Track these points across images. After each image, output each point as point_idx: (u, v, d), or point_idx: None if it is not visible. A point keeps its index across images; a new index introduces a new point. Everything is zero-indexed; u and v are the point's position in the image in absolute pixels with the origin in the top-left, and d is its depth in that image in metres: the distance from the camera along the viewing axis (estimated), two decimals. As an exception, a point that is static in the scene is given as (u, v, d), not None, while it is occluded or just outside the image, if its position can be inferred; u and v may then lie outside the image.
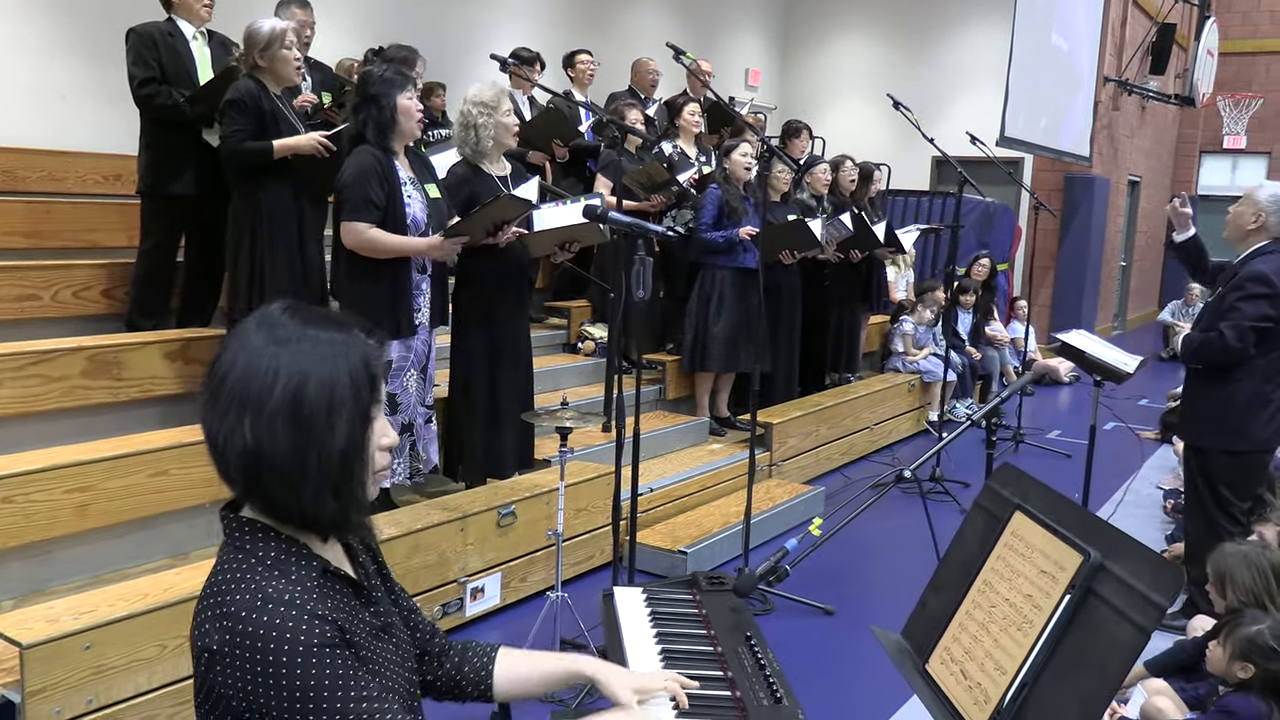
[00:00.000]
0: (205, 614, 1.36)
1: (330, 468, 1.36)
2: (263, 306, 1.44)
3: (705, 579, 2.36)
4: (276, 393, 1.33)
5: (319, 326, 1.39)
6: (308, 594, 1.36)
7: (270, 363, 1.34)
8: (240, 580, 1.36)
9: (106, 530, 3.77)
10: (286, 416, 1.33)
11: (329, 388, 1.35)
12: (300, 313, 1.41)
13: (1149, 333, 14.29)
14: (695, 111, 6.76)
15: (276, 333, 1.37)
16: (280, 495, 1.36)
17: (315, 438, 1.34)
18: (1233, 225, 4.26)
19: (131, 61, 4.57)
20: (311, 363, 1.35)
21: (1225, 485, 4.19)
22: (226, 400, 1.35)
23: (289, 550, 1.40)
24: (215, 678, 1.33)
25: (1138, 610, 1.43)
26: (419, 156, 4.32)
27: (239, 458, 1.34)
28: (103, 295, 4.87)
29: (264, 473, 1.34)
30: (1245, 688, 2.90)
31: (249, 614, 1.31)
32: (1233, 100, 15.69)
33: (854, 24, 13.76)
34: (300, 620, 1.32)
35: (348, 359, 1.38)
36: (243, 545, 1.40)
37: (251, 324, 1.40)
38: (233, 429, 1.33)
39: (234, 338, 1.39)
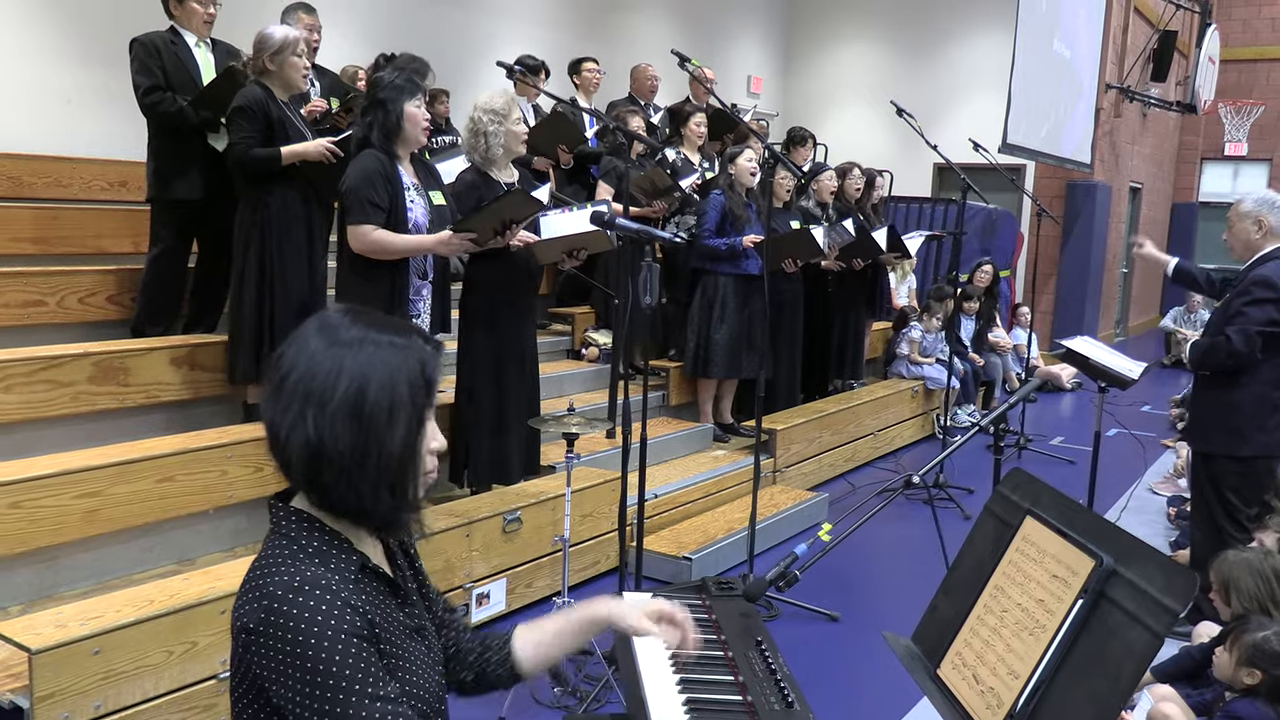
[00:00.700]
0: (247, 595, 1.41)
1: (387, 466, 1.41)
2: (321, 311, 1.49)
3: (714, 584, 2.36)
4: (339, 391, 1.38)
5: (379, 329, 1.44)
6: (344, 583, 1.40)
7: (334, 363, 1.39)
8: (282, 564, 1.40)
9: (113, 536, 3.77)
10: (348, 414, 1.38)
11: (389, 389, 1.40)
12: (360, 316, 1.47)
13: (1151, 339, 14.30)
14: (701, 123, 6.79)
15: (339, 335, 1.42)
16: (338, 489, 1.41)
17: (375, 436, 1.39)
18: (1238, 242, 4.28)
19: (136, 70, 4.58)
20: (373, 365, 1.40)
21: (1232, 491, 4.19)
22: (289, 396, 1.40)
23: (332, 542, 1.45)
24: (251, 657, 1.37)
25: (1151, 614, 1.44)
26: (425, 164, 4.32)
27: (301, 450, 1.39)
28: (109, 301, 4.88)
29: (325, 466, 1.39)
30: (1252, 693, 2.90)
31: (285, 594, 1.36)
32: (1234, 107, 15.72)
33: (856, 31, 13.79)
34: (334, 606, 1.36)
35: (406, 363, 1.43)
36: (288, 533, 1.45)
37: (312, 327, 1.45)
38: (295, 423, 1.38)
39: (295, 340, 1.44)
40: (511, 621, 4.18)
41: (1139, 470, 6.96)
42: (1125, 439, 7.57)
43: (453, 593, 4.01)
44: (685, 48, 5.65)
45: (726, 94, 10.79)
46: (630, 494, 3.80)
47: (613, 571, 4.70)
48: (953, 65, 13.18)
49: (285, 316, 4.36)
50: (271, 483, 4.25)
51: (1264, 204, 4.20)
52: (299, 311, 4.41)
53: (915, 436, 8.09)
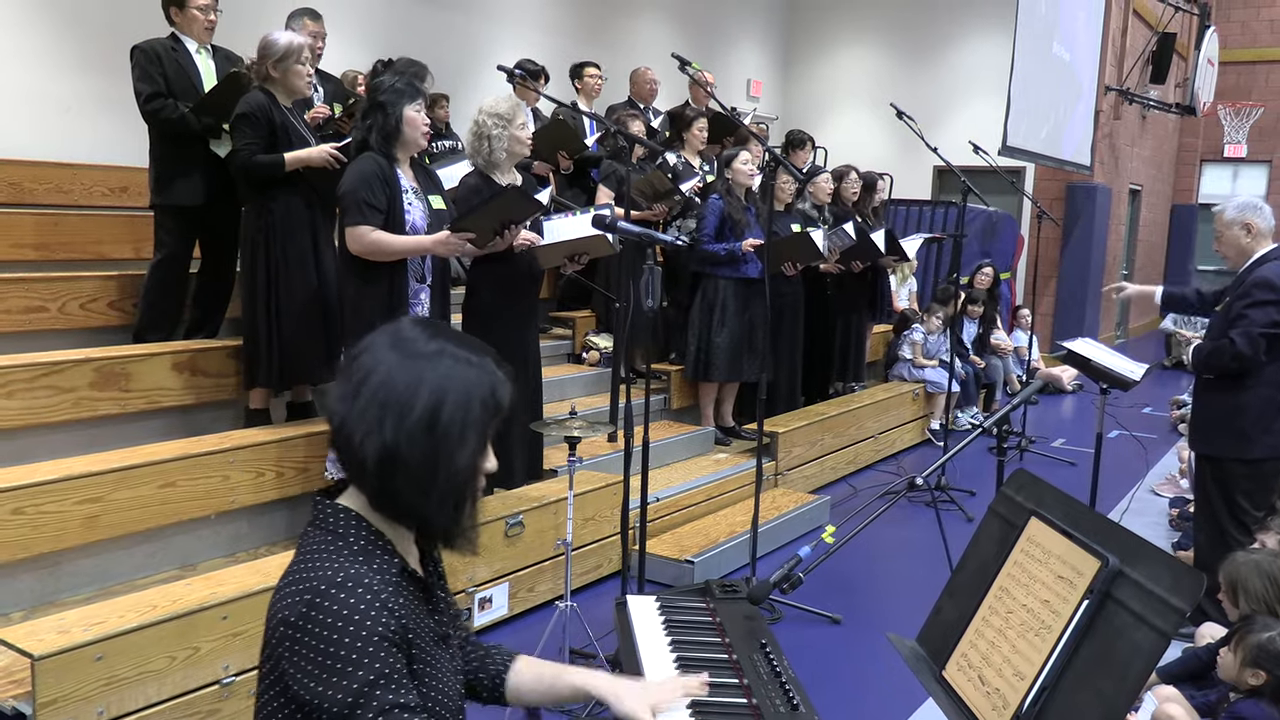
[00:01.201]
0: (289, 588, 1.44)
1: (456, 481, 1.46)
2: (394, 322, 1.53)
3: (718, 587, 2.36)
4: (419, 405, 1.43)
5: (457, 344, 1.50)
6: (385, 585, 1.43)
7: (415, 375, 1.44)
8: (327, 559, 1.44)
9: (115, 542, 3.77)
10: (425, 427, 1.43)
11: (464, 407, 1.45)
12: (435, 329, 1.52)
13: (1151, 341, 14.30)
14: (704, 127, 6.80)
15: (417, 346, 1.47)
16: (409, 495, 1.45)
17: (447, 451, 1.44)
18: (1231, 249, 4.29)
19: (137, 78, 4.59)
20: (451, 381, 1.45)
21: (1243, 495, 4.18)
22: (367, 401, 1.44)
23: (376, 542, 1.49)
24: (284, 650, 1.39)
25: (1158, 614, 1.44)
26: (425, 169, 4.32)
27: (377, 454, 1.43)
28: (110, 307, 4.88)
29: (399, 473, 1.43)
30: (1256, 694, 2.90)
31: (328, 589, 1.39)
32: (1233, 109, 15.73)
33: (855, 35, 13.81)
34: (372, 606, 1.39)
35: (480, 382, 1.48)
36: (334, 529, 1.48)
37: (388, 335, 1.49)
38: (372, 429, 1.42)
39: (370, 345, 1.49)
40: (513, 627, 4.22)
41: (1140, 472, 6.96)
42: (1126, 441, 7.57)
43: (455, 597, 3.99)
44: (685, 52, 5.66)
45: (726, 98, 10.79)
46: (632, 498, 3.80)
47: (615, 575, 4.69)
48: (952, 68, 13.19)
49: (293, 321, 4.37)
50: (272, 488, 4.26)
51: (1247, 208, 4.23)
52: (308, 316, 4.41)
53: (916, 439, 8.09)
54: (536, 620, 4.21)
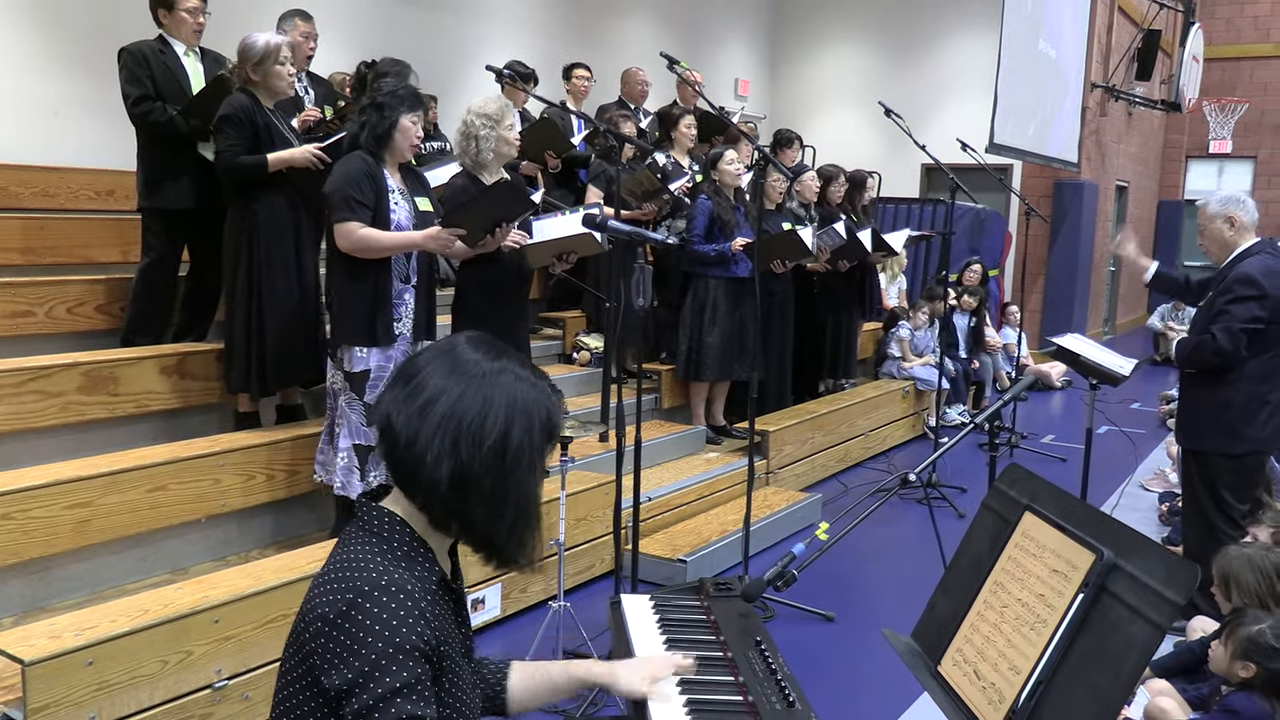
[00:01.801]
0: (330, 584, 1.43)
1: (524, 503, 1.49)
2: (449, 341, 1.55)
3: (712, 585, 2.36)
4: (490, 429, 1.45)
5: (516, 362, 1.51)
6: (425, 594, 1.44)
7: (483, 398, 1.46)
8: (371, 561, 1.44)
9: (105, 546, 3.76)
10: (498, 454, 1.44)
11: (528, 432, 1.48)
12: (493, 347, 1.53)
13: (1139, 337, 14.35)
14: (692, 125, 6.79)
15: (480, 366, 1.48)
16: (482, 518, 1.47)
17: (519, 476, 1.47)
18: (1214, 244, 4.31)
19: (125, 80, 4.57)
20: (515, 402, 1.47)
21: (1227, 489, 4.21)
22: (438, 422, 1.44)
23: (419, 550, 1.50)
24: (317, 645, 1.40)
25: (1152, 607, 1.44)
26: (412, 171, 4.31)
27: (451, 476, 1.44)
28: (97, 311, 4.86)
29: (473, 495, 1.45)
30: (1248, 687, 2.91)
31: (372, 591, 1.39)
32: (1218, 105, 15.81)
33: (843, 33, 13.83)
34: (411, 614, 1.39)
35: (541, 407, 1.50)
36: (379, 532, 1.49)
37: (449, 352, 1.51)
38: (444, 451, 1.44)
39: (431, 361, 1.50)
40: (506, 628, 4.21)
41: (1130, 467, 6.99)
42: (1116, 436, 7.59)
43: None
44: (673, 52, 5.65)
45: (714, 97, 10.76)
46: (625, 497, 3.79)
47: (608, 575, 4.69)
48: (939, 66, 13.22)
49: (276, 323, 4.35)
50: (262, 491, 4.25)
51: (1230, 202, 4.24)
52: (289, 319, 4.39)
53: (906, 436, 8.10)
54: (530, 621, 4.20)
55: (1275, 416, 4.21)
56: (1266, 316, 4.06)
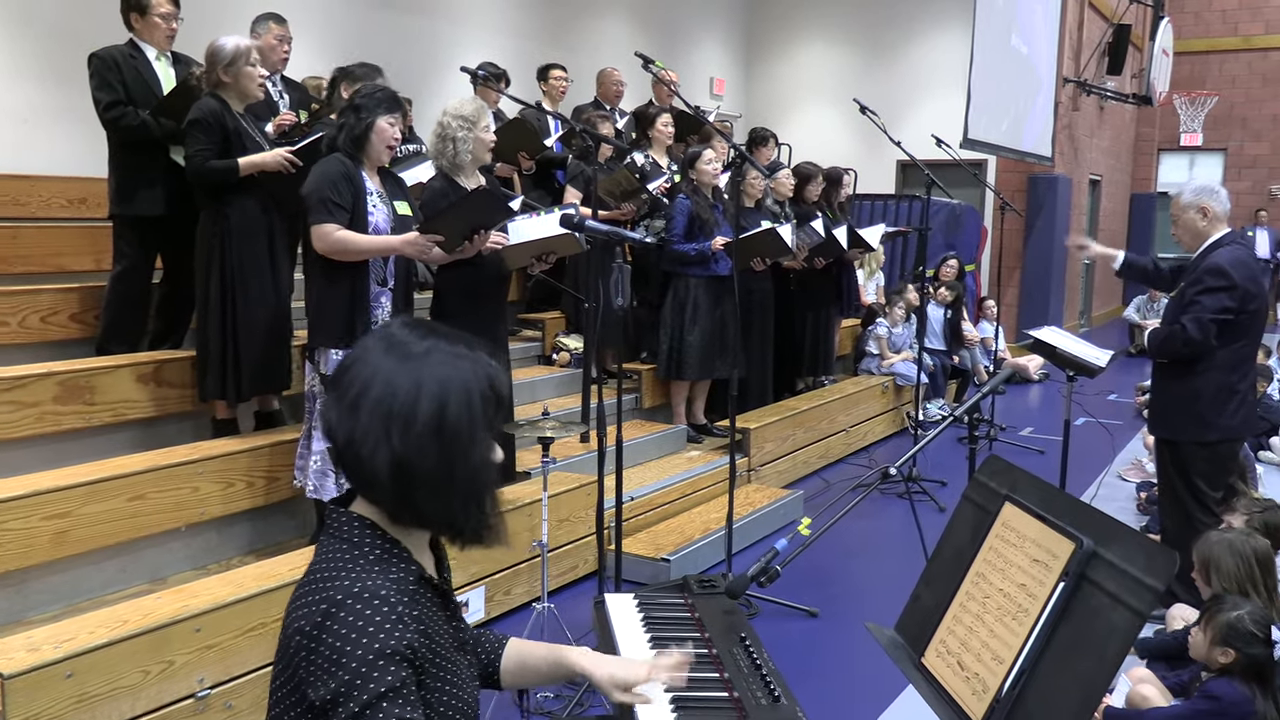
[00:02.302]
0: (306, 597, 1.42)
1: (473, 479, 1.45)
2: (382, 326, 1.53)
3: (696, 582, 2.36)
4: (422, 410, 1.41)
5: (446, 340, 1.47)
6: (401, 596, 1.41)
7: (411, 379, 1.42)
8: (343, 569, 1.42)
9: (84, 557, 3.72)
10: (433, 432, 1.41)
11: (466, 405, 1.44)
12: (422, 326, 1.50)
13: (1114, 329, 14.46)
14: (668, 123, 6.79)
15: (408, 348, 1.45)
16: (428, 503, 1.44)
17: (459, 451, 1.43)
18: (1186, 233, 4.35)
19: (95, 86, 4.52)
20: (448, 379, 1.43)
21: (1200, 477, 4.25)
22: (369, 414, 1.41)
23: (393, 551, 1.47)
24: (300, 659, 1.38)
25: (1133, 594, 1.45)
26: (391, 175, 4.29)
27: (389, 467, 1.41)
28: (71, 320, 4.81)
29: (415, 482, 1.42)
30: (1227, 672, 2.94)
31: (346, 599, 1.37)
32: (1188, 98, 15.96)
33: (817, 31, 13.87)
34: (388, 619, 1.37)
35: (476, 377, 1.46)
36: (350, 538, 1.46)
37: (379, 343, 1.47)
38: (379, 441, 1.40)
39: (363, 356, 1.46)
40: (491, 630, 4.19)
41: (1108, 458, 7.03)
42: (1093, 427, 7.64)
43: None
44: (648, 51, 5.65)
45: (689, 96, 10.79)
46: (607, 497, 3.79)
47: (591, 575, 4.69)
48: (913, 63, 13.28)
49: (249, 329, 4.32)
50: (243, 498, 4.22)
51: (1203, 192, 4.28)
52: (264, 324, 4.37)
53: (887, 432, 8.13)
54: (514, 623, 4.20)
55: (1245, 405, 4.26)
56: (1235, 307, 4.10)
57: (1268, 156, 16.32)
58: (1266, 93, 16.18)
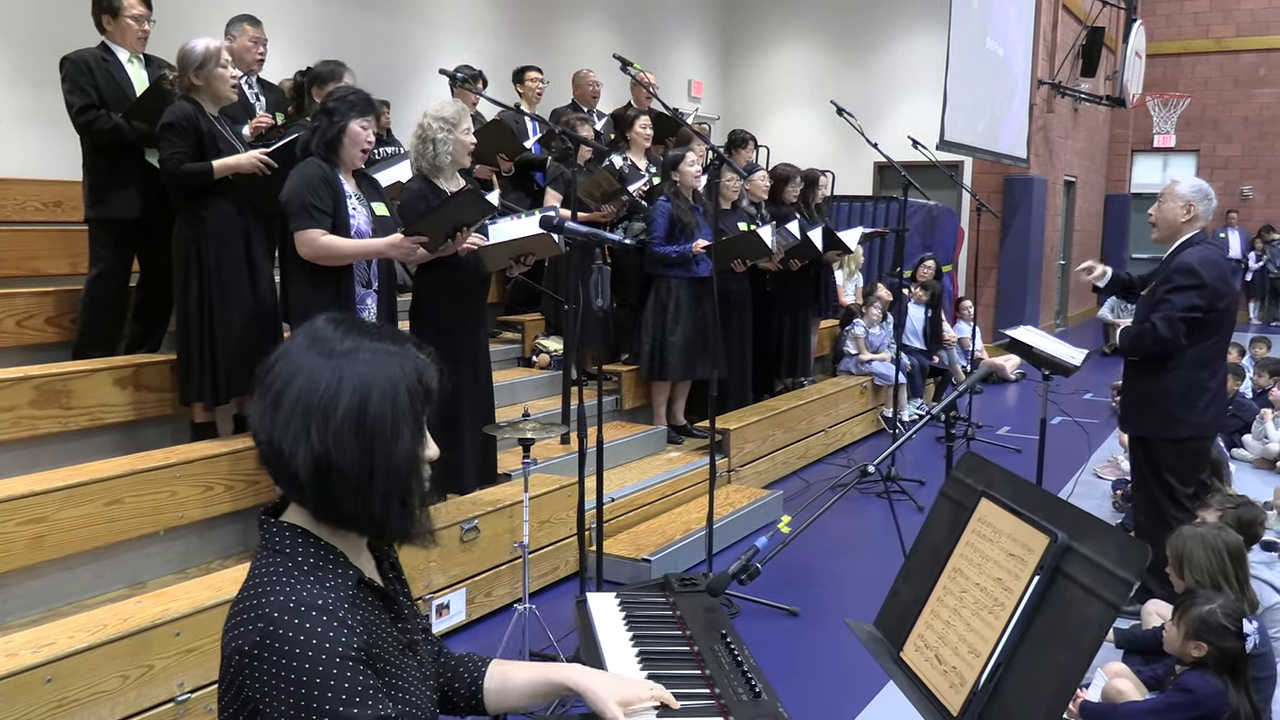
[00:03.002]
0: (240, 615, 1.38)
1: (395, 476, 1.41)
2: (307, 323, 1.48)
3: (677, 581, 2.37)
4: (342, 404, 1.38)
5: (372, 337, 1.44)
6: (341, 602, 1.38)
7: (333, 374, 1.39)
8: (277, 583, 1.38)
9: (61, 562, 3.69)
10: (353, 426, 1.37)
11: (390, 399, 1.40)
12: (350, 325, 1.46)
13: (1090, 329, 14.60)
14: (647, 125, 6.81)
15: (333, 345, 1.41)
16: (348, 501, 1.39)
17: (380, 447, 1.39)
18: (1164, 223, 4.40)
19: (68, 90, 4.49)
20: (372, 374, 1.40)
21: (1171, 473, 4.31)
22: (289, 410, 1.38)
23: (327, 557, 1.43)
24: (244, 679, 1.34)
25: (1106, 587, 1.48)
26: (366, 177, 4.29)
27: (308, 464, 1.37)
28: (47, 323, 4.78)
29: (333, 479, 1.38)
30: (1200, 666, 2.98)
31: (281, 615, 1.33)
32: (1161, 100, 16.14)
33: (793, 34, 13.94)
34: (330, 626, 1.34)
35: (404, 370, 1.42)
36: (281, 549, 1.42)
37: (303, 337, 1.44)
38: (299, 437, 1.37)
39: (286, 351, 1.43)
40: (471, 632, 4.20)
41: (1084, 456, 7.11)
42: (1070, 426, 7.72)
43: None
44: (625, 54, 5.67)
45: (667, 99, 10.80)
46: (588, 499, 3.80)
47: (573, 577, 4.70)
48: (890, 65, 13.37)
49: (228, 331, 4.31)
50: (222, 502, 4.20)
51: (1198, 192, 4.34)
52: (244, 326, 4.35)
53: (866, 432, 8.18)
54: (496, 624, 4.20)
55: (1215, 403, 4.32)
56: (1205, 305, 4.16)
57: (1239, 158, 16.53)
58: (1238, 95, 16.39)
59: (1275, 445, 6.97)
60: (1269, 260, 15.94)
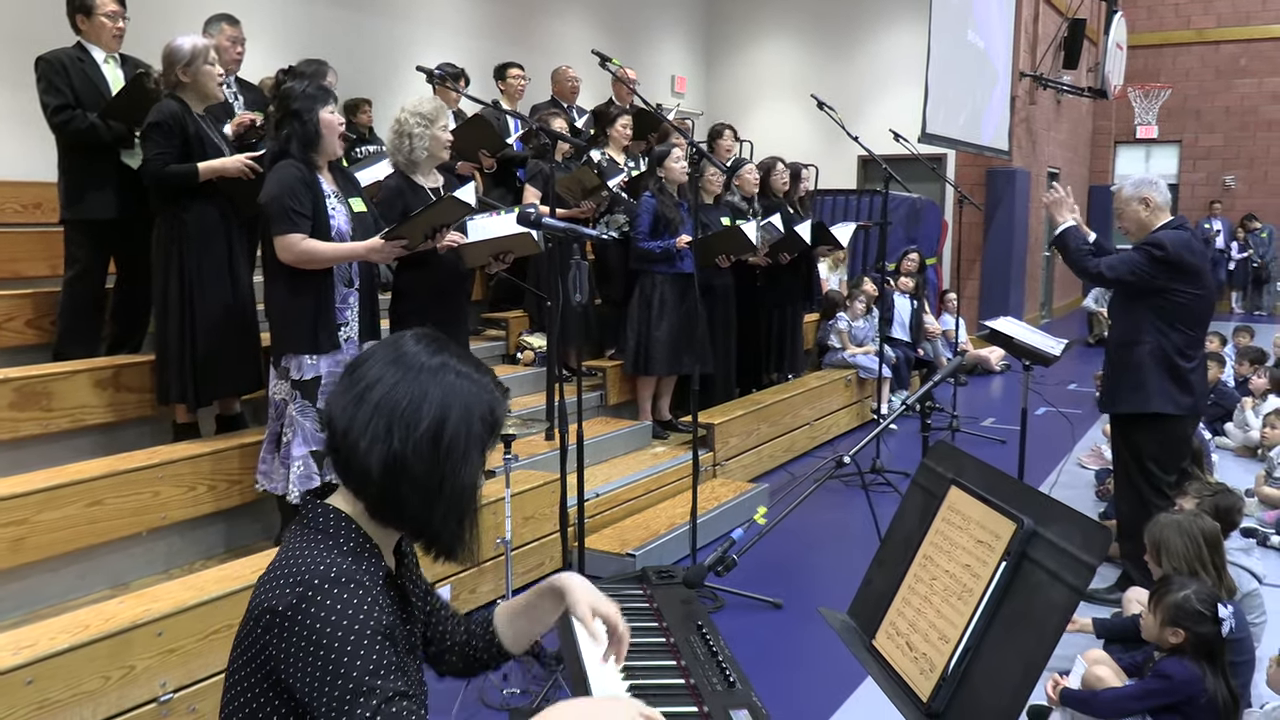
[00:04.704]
0: (279, 578, 1.42)
1: (459, 495, 1.48)
2: (394, 336, 1.55)
3: (655, 574, 2.38)
4: (424, 416, 1.46)
5: (459, 359, 1.52)
6: (375, 582, 1.45)
7: (421, 388, 1.46)
8: (322, 554, 1.44)
9: (43, 564, 3.69)
10: (431, 439, 1.45)
11: (466, 423, 1.48)
12: (439, 343, 1.54)
13: (1075, 320, 14.67)
14: (627, 124, 6.82)
15: (420, 360, 1.49)
16: (413, 505, 1.47)
17: (452, 465, 1.46)
18: (1132, 223, 4.44)
19: (43, 90, 4.47)
20: (455, 397, 1.48)
21: (1151, 459, 4.34)
22: (372, 409, 1.45)
23: (365, 545, 1.50)
24: (271, 639, 1.39)
25: (1070, 571, 1.50)
26: (343, 172, 4.28)
27: (383, 462, 1.45)
28: (26, 326, 4.76)
29: (405, 482, 1.45)
30: (1178, 652, 3.00)
31: (322, 583, 1.39)
32: (1143, 91, 16.21)
33: (775, 28, 13.96)
34: (366, 600, 1.39)
35: (480, 399, 1.50)
36: (325, 528, 1.49)
37: (388, 352, 1.51)
38: (378, 437, 1.45)
39: (373, 360, 1.50)
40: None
41: (1068, 446, 7.15)
42: (1054, 417, 7.76)
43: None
44: (608, 50, 5.67)
45: (651, 94, 10.85)
46: (571, 494, 3.81)
47: (556, 573, 4.70)
48: (871, 58, 13.40)
49: (207, 334, 4.29)
50: (205, 502, 4.20)
51: (1144, 184, 4.38)
52: (223, 328, 4.34)
53: (851, 424, 8.21)
54: (480, 621, 4.20)
55: (1194, 386, 4.35)
56: (1159, 275, 4.18)
57: (1221, 148, 16.61)
58: (1219, 85, 16.47)
59: (1256, 433, 7.02)
60: (1252, 250, 16.03)
